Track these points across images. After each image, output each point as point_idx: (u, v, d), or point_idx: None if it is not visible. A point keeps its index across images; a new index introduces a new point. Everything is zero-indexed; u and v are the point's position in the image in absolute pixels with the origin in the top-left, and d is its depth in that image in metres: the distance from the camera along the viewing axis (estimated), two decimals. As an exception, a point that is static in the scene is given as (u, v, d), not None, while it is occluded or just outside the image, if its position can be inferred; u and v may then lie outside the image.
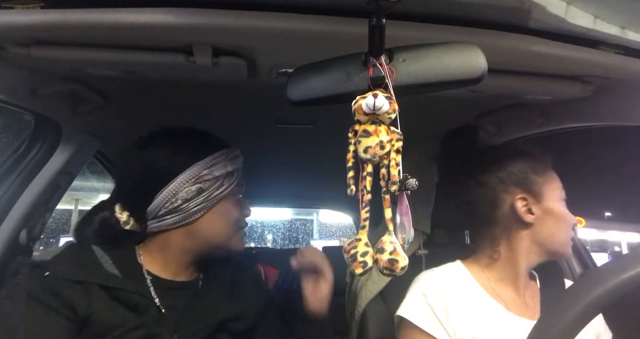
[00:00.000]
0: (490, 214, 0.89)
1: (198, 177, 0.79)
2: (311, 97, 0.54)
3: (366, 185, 0.52)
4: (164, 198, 0.78)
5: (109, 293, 0.72)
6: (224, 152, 0.83)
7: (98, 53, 0.68)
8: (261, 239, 8.53)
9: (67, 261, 0.74)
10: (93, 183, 3.48)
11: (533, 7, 0.56)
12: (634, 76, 0.75)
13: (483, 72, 0.52)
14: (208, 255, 0.85)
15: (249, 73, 0.76)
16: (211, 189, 0.79)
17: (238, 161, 0.86)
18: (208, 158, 0.80)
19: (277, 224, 8.76)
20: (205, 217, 0.80)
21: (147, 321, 0.73)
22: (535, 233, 0.85)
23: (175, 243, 0.81)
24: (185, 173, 0.78)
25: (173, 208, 0.78)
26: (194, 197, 0.78)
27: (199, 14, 0.58)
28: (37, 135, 1.05)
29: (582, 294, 0.45)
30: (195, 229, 0.80)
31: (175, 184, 0.78)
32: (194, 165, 0.79)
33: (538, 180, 0.87)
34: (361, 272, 0.52)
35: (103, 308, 0.70)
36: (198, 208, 0.79)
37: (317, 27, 0.60)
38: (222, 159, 0.82)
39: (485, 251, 0.91)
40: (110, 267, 0.77)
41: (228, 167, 0.82)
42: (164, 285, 0.80)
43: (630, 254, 0.51)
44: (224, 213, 0.82)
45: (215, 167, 0.80)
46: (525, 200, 0.86)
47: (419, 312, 0.82)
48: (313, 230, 9.00)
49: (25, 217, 1.02)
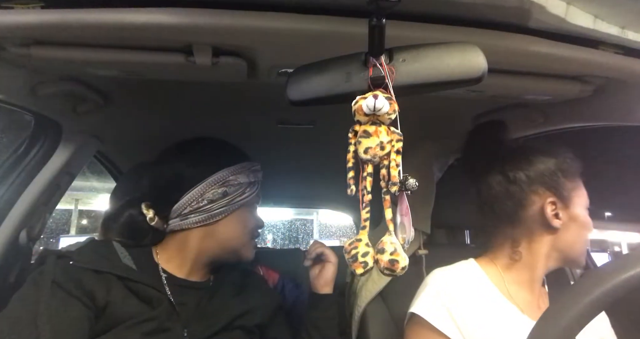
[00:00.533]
0: (515, 213, 0.86)
1: (225, 181, 0.85)
2: (311, 97, 0.54)
3: (366, 186, 0.52)
4: (191, 197, 0.83)
5: (126, 284, 0.76)
6: (247, 163, 0.90)
7: (98, 53, 0.68)
8: (261, 239, 8.52)
9: (90, 253, 0.78)
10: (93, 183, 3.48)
11: (533, 7, 0.56)
12: (634, 76, 0.75)
13: (483, 72, 0.52)
14: (221, 259, 0.89)
15: (249, 73, 0.76)
16: (235, 194, 0.85)
17: (259, 174, 0.92)
18: (235, 166, 0.87)
19: (277, 224, 8.76)
20: (225, 220, 0.86)
21: (160, 314, 0.76)
22: (558, 239, 0.84)
23: (193, 242, 0.85)
24: (213, 176, 0.85)
25: (198, 207, 0.84)
26: (219, 199, 0.84)
27: (199, 14, 0.58)
28: (37, 135, 1.05)
29: (582, 294, 0.45)
30: (214, 231, 0.86)
31: (203, 185, 0.84)
32: (222, 170, 0.85)
33: (568, 185, 0.85)
34: (362, 272, 0.52)
35: (119, 298, 0.74)
36: (220, 210, 0.84)
37: (317, 27, 0.60)
38: (246, 169, 0.89)
39: (504, 251, 0.88)
40: (129, 262, 0.80)
41: (251, 177, 0.88)
42: (177, 283, 0.83)
43: (630, 254, 0.51)
44: (241, 220, 0.88)
45: (240, 174, 0.87)
46: (555, 204, 0.83)
47: (433, 310, 0.80)
48: (313, 230, 8.99)
49: (25, 217, 1.02)
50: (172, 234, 0.87)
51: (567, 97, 0.87)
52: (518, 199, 0.85)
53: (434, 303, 0.81)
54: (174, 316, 0.78)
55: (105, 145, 1.25)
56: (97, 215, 7.05)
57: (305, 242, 8.47)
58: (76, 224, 7.30)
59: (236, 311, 0.85)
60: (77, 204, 7.24)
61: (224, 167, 0.86)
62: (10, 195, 1.00)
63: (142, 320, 0.73)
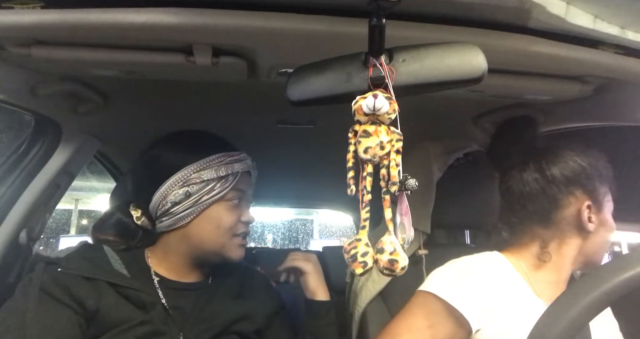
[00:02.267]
0: (549, 214, 0.83)
1: (186, 181, 0.79)
2: (311, 97, 0.54)
3: (366, 185, 0.52)
4: (157, 199, 0.80)
5: (117, 290, 0.74)
6: (219, 155, 0.82)
7: (98, 53, 0.68)
8: (261, 239, 8.53)
9: (79, 259, 0.76)
10: (93, 183, 3.48)
11: (533, 7, 0.56)
12: (634, 76, 0.75)
13: (483, 72, 0.52)
14: (206, 260, 0.85)
15: (249, 74, 0.76)
16: (200, 193, 0.79)
17: (237, 165, 0.83)
18: (199, 162, 0.80)
19: (277, 224, 8.76)
20: (196, 221, 0.80)
21: (154, 318, 0.74)
22: (587, 242, 0.83)
23: (173, 245, 0.83)
24: (175, 176, 0.79)
25: (165, 211, 0.80)
26: (182, 201, 0.78)
27: (199, 14, 0.58)
28: (37, 135, 1.05)
29: (582, 294, 0.45)
30: (188, 233, 0.81)
31: (165, 187, 0.79)
32: (184, 168, 0.79)
33: (601, 189, 0.84)
34: (361, 272, 0.52)
35: (111, 304, 0.72)
36: (186, 212, 0.79)
37: (317, 27, 0.60)
38: (215, 163, 0.80)
39: (531, 250, 0.85)
40: (119, 266, 0.78)
41: (221, 171, 0.80)
42: (170, 286, 0.81)
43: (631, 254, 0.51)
44: (214, 219, 0.80)
45: (205, 170, 0.79)
46: (590, 208, 0.82)
47: (453, 291, 0.77)
48: (313, 230, 8.99)
49: (25, 217, 1.02)
50: (160, 236, 0.85)
51: (567, 97, 0.87)
52: (555, 199, 0.83)
53: (453, 285, 0.78)
54: (168, 320, 0.76)
55: (105, 145, 1.25)
56: (97, 215, 7.04)
57: (305, 242, 8.47)
58: (76, 224, 7.30)
59: (234, 315, 0.82)
60: (77, 204, 7.24)
61: (186, 164, 0.79)
62: (10, 195, 1.00)
63: (136, 324, 0.72)
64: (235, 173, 0.82)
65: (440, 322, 0.75)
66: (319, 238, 8.57)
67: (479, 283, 0.78)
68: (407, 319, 0.78)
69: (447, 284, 0.78)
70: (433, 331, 0.75)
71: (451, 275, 0.81)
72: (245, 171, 0.85)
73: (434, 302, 0.76)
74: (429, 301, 0.77)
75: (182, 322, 0.78)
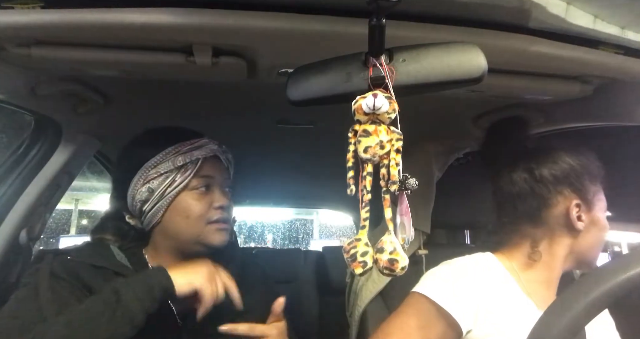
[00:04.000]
0: (538, 213, 0.84)
1: (146, 177, 0.80)
2: (311, 97, 0.54)
3: (366, 185, 0.52)
4: (129, 201, 0.82)
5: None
6: (175, 146, 0.81)
7: (98, 53, 0.68)
8: (261, 239, 8.52)
9: (87, 250, 0.80)
10: (93, 183, 3.47)
11: (533, 7, 0.56)
12: (634, 76, 0.75)
13: (483, 72, 0.52)
14: (191, 252, 0.83)
15: (249, 74, 0.76)
16: (162, 187, 0.78)
17: (196, 152, 0.81)
18: (156, 157, 0.80)
19: (277, 224, 8.75)
20: (167, 215, 0.80)
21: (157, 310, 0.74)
22: (578, 241, 0.83)
23: (159, 243, 0.85)
24: (136, 174, 0.80)
25: (139, 211, 0.81)
26: (148, 198, 0.79)
27: (199, 14, 0.58)
28: (37, 135, 1.05)
29: (582, 294, 0.45)
30: (164, 228, 0.82)
31: (131, 188, 0.81)
32: (142, 166, 0.80)
33: (592, 188, 0.84)
34: (361, 272, 0.52)
35: None
36: (156, 208, 0.80)
37: (317, 27, 0.60)
38: (171, 155, 0.80)
39: (522, 250, 0.86)
40: (123, 260, 0.81)
41: (178, 162, 0.79)
42: None
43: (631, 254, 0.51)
44: (182, 209, 0.80)
45: (162, 164, 0.79)
46: (579, 207, 0.83)
47: (442, 292, 0.78)
48: (313, 230, 8.99)
49: (25, 217, 1.02)
50: (149, 234, 0.86)
51: (567, 97, 0.87)
52: (543, 198, 0.84)
53: (445, 286, 0.79)
54: (170, 313, 0.79)
55: (105, 145, 1.25)
56: (97, 215, 7.04)
57: (305, 242, 8.47)
58: (76, 224, 7.30)
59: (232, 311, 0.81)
60: (77, 204, 7.24)
61: (144, 161, 0.80)
62: (10, 195, 1.00)
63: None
64: (194, 160, 0.81)
65: (431, 323, 0.76)
66: (319, 238, 8.57)
67: (469, 284, 0.79)
68: (400, 319, 0.79)
69: (438, 286, 0.79)
70: (424, 332, 0.76)
71: (442, 277, 0.82)
72: (211, 156, 0.83)
73: (425, 303, 0.77)
74: (421, 302, 0.78)
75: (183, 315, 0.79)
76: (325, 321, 2.14)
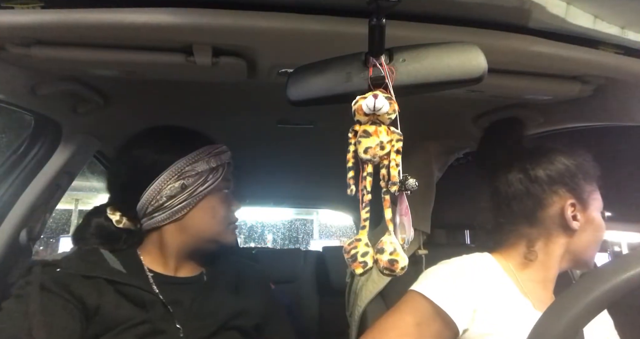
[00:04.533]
0: (534, 213, 0.85)
1: (181, 174, 0.80)
2: (311, 97, 0.54)
3: (366, 185, 0.52)
4: (149, 196, 0.80)
5: (116, 288, 0.75)
6: (206, 148, 0.84)
7: (98, 53, 0.68)
8: (261, 239, 8.52)
9: (77, 259, 0.78)
10: (93, 183, 3.47)
11: (533, 7, 0.56)
12: (634, 76, 0.75)
13: (483, 72, 0.52)
14: (203, 250, 0.86)
15: (249, 74, 0.76)
16: (195, 185, 0.81)
17: (223, 157, 0.86)
18: (190, 155, 0.82)
19: (277, 224, 8.75)
20: (193, 213, 0.82)
21: (153, 316, 0.75)
22: (574, 241, 0.84)
23: (170, 239, 0.83)
24: (167, 170, 0.80)
25: (159, 206, 0.80)
26: (178, 194, 0.80)
27: (199, 14, 0.58)
28: (37, 135, 1.05)
29: (582, 294, 0.45)
30: (185, 225, 0.82)
31: (158, 181, 0.80)
32: (176, 162, 0.81)
33: (587, 188, 0.84)
34: (361, 272, 0.52)
35: (112, 302, 0.73)
36: (183, 204, 0.81)
37: (317, 27, 0.60)
38: (205, 155, 0.83)
39: (519, 250, 0.87)
40: (117, 265, 0.79)
41: (212, 163, 0.83)
42: (167, 281, 0.82)
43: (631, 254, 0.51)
44: (210, 209, 0.83)
45: (197, 163, 0.82)
46: (574, 206, 0.83)
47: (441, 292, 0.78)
48: (313, 230, 8.99)
49: (25, 217, 1.02)
50: (149, 233, 0.85)
51: (567, 97, 0.87)
52: (538, 199, 0.84)
53: (443, 285, 0.79)
54: (168, 317, 0.77)
55: (105, 145, 1.25)
56: (97, 215, 7.01)
57: (305, 242, 8.47)
58: (76, 224, 7.28)
59: (233, 310, 0.82)
60: (77, 204, 7.23)
61: (177, 158, 0.81)
62: (10, 195, 1.00)
63: (136, 323, 0.72)
64: (224, 164, 0.85)
65: (428, 321, 0.76)
66: (319, 238, 8.57)
67: (466, 284, 0.79)
68: (396, 316, 0.79)
69: (435, 285, 0.79)
70: (420, 330, 0.76)
71: (440, 276, 0.82)
72: (228, 162, 0.88)
73: (421, 302, 0.78)
74: (418, 301, 0.78)
75: (183, 318, 0.78)
76: (325, 321, 2.14)
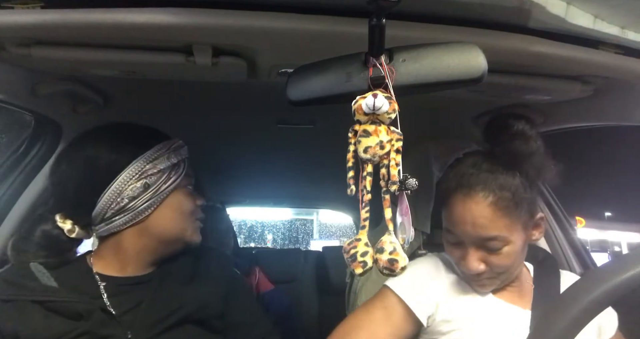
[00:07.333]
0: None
1: (142, 172, 0.76)
2: (311, 97, 0.54)
3: (366, 185, 0.52)
4: (108, 199, 0.75)
5: (45, 306, 0.71)
6: (165, 143, 0.81)
7: (98, 53, 0.68)
8: (261, 239, 8.53)
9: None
10: (93, 183, 3.47)
11: (533, 7, 0.56)
12: (634, 76, 0.75)
13: (483, 72, 0.52)
14: (166, 251, 0.82)
15: (249, 74, 0.76)
16: (158, 183, 0.77)
17: (182, 151, 0.83)
18: (149, 152, 0.78)
19: (277, 224, 8.77)
20: (157, 213, 0.78)
21: (93, 325, 0.72)
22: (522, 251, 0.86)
23: (130, 243, 0.79)
24: (127, 169, 0.76)
25: (120, 208, 0.76)
26: (141, 194, 0.76)
27: (199, 14, 0.58)
28: (37, 135, 1.05)
29: (582, 294, 0.45)
30: (148, 226, 0.78)
31: (118, 183, 0.75)
32: (135, 160, 0.77)
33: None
34: (361, 272, 0.52)
35: (36, 323, 0.70)
36: (147, 204, 0.77)
37: (317, 27, 0.60)
38: (165, 151, 0.80)
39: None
40: (47, 280, 0.74)
41: (172, 159, 0.80)
42: (117, 283, 0.78)
43: (630, 254, 0.51)
44: (176, 206, 0.80)
45: (158, 160, 0.78)
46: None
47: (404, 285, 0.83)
48: (313, 230, 9.00)
49: (25, 217, 1.02)
50: (104, 239, 0.80)
51: (567, 97, 0.87)
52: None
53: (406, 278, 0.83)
54: (112, 322, 0.73)
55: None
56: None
57: (305, 242, 8.48)
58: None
59: (188, 302, 0.78)
60: (77, 204, 7.22)
61: (136, 156, 0.76)
62: (10, 195, 1.00)
63: (73, 337, 0.70)
64: (184, 159, 0.83)
65: (393, 314, 0.82)
66: (319, 238, 8.58)
67: (430, 279, 0.85)
68: (367, 310, 0.85)
69: (402, 280, 0.83)
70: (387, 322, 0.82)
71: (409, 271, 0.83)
72: (187, 157, 0.85)
73: (390, 296, 0.83)
74: (387, 295, 0.84)
75: (131, 320, 0.75)
76: (325, 321, 2.14)
